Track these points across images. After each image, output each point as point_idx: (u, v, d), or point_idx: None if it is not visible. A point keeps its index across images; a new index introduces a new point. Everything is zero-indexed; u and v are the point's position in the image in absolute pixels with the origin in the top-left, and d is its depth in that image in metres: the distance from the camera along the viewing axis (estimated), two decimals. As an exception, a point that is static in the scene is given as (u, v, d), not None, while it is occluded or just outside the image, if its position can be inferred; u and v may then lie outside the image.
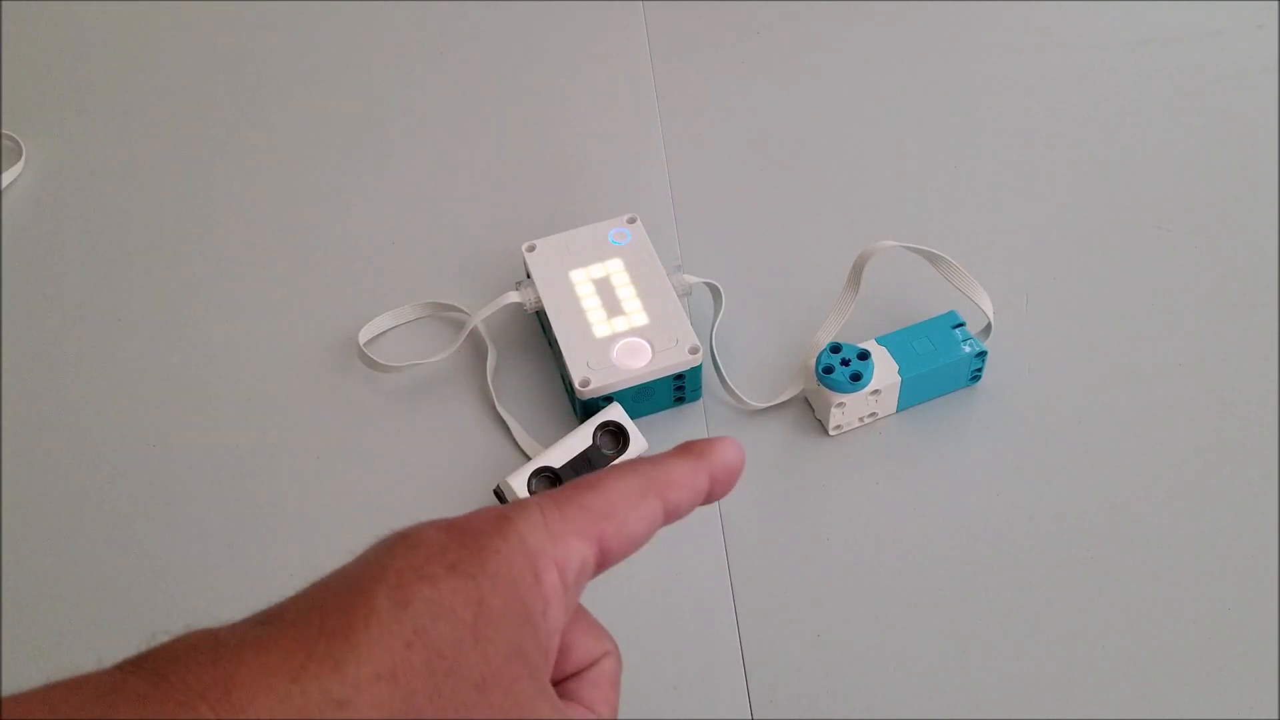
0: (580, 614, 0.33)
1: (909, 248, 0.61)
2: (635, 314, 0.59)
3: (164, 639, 0.27)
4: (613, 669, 0.34)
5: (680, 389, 0.59)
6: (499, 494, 0.54)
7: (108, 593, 0.55)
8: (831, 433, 0.58)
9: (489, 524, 0.29)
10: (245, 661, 0.25)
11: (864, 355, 0.57)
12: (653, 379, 0.58)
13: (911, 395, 0.58)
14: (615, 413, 0.56)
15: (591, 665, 0.33)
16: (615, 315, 0.59)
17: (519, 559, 0.28)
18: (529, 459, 0.57)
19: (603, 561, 0.31)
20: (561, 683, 0.33)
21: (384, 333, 0.65)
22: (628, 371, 0.57)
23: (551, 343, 0.61)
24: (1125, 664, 0.50)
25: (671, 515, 0.32)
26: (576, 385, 0.57)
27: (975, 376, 0.60)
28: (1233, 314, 0.63)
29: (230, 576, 0.55)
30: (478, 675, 0.27)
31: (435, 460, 0.59)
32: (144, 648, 0.27)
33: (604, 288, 0.61)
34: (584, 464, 0.55)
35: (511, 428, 0.59)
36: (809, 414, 0.60)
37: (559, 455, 0.54)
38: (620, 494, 0.31)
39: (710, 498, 0.34)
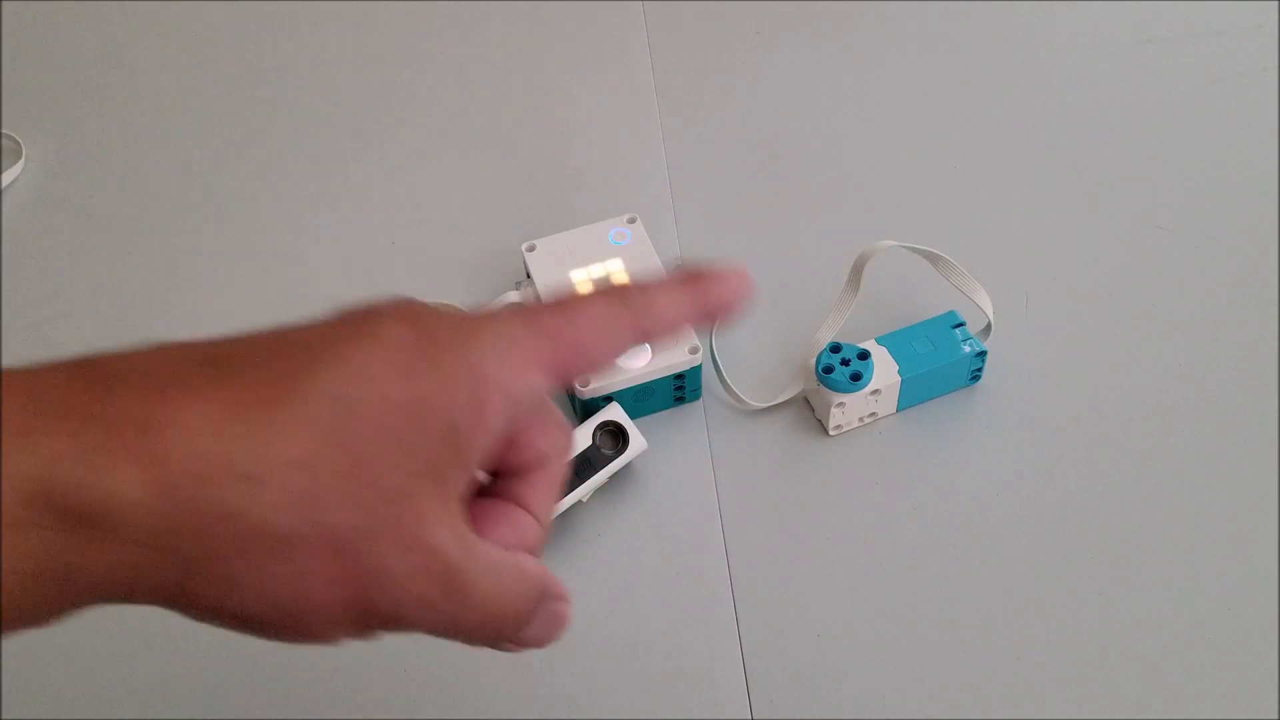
0: (541, 412, 0.33)
1: (909, 248, 0.61)
2: (635, 314, 0.59)
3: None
4: (557, 472, 0.34)
5: (680, 389, 0.59)
6: (499, 494, 0.54)
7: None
8: (831, 433, 0.58)
9: (455, 337, 0.29)
10: (176, 404, 0.25)
11: (864, 355, 0.57)
12: (653, 379, 0.58)
13: (911, 395, 0.58)
14: (615, 412, 0.56)
15: (538, 465, 0.33)
16: (615, 315, 0.59)
17: (468, 383, 0.28)
18: (529, 459, 0.56)
19: (559, 384, 0.31)
20: (504, 476, 0.33)
21: (384, 333, 0.65)
22: (628, 371, 0.57)
23: (551, 343, 0.61)
24: (1125, 663, 0.50)
25: (645, 341, 0.32)
26: (576, 385, 0.57)
27: (975, 376, 0.60)
28: (1233, 314, 0.63)
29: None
30: (388, 487, 0.27)
31: (435, 460, 0.59)
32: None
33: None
34: (584, 464, 0.54)
35: (511, 428, 0.59)
36: (809, 414, 0.59)
37: (559, 455, 0.54)
38: (596, 327, 0.31)
39: (708, 323, 0.33)
